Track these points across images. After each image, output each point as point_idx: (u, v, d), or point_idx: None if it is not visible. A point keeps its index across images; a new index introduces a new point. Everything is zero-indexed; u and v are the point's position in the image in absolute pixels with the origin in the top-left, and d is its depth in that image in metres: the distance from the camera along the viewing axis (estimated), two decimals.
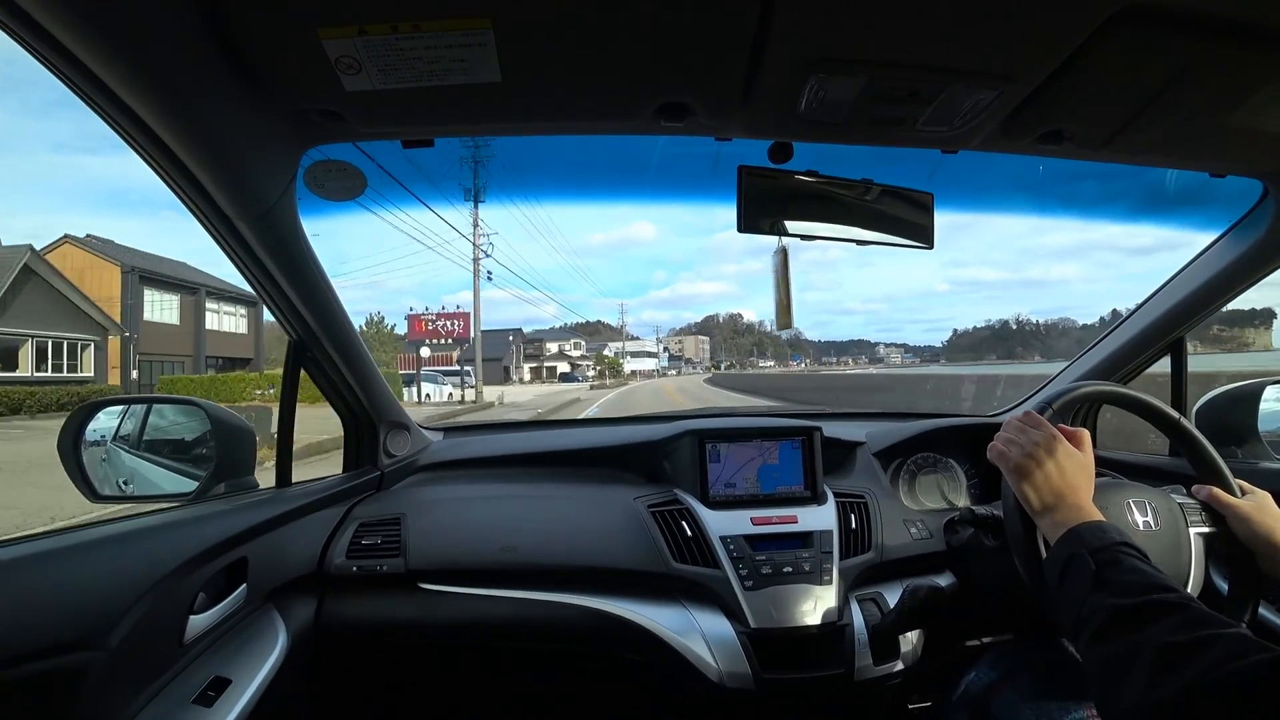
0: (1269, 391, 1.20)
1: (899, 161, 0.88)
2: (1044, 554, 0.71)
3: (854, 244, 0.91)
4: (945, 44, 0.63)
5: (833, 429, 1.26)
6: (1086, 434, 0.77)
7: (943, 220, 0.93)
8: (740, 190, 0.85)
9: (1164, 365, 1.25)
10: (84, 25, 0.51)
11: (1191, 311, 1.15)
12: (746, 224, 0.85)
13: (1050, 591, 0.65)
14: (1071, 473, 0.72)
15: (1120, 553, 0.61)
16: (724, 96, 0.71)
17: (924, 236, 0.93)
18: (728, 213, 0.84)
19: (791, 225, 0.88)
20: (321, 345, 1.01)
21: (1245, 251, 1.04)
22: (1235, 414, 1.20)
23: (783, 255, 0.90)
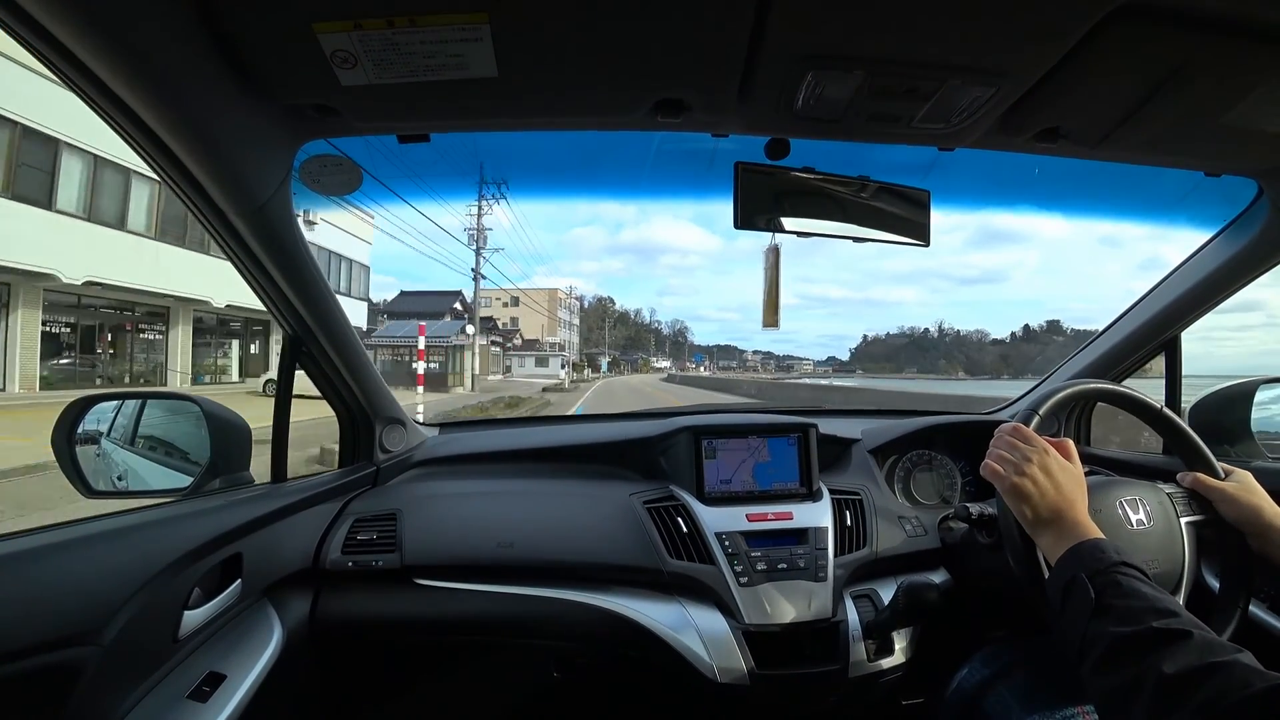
0: (1261, 392, 1.21)
1: (896, 159, 0.88)
2: (1045, 571, 0.70)
3: (850, 240, 0.91)
4: (943, 40, 0.63)
5: (828, 426, 1.26)
6: (1072, 444, 0.77)
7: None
8: (737, 187, 0.85)
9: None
10: (80, 21, 0.51)
11: (1186, 310, 1.16)
12: (743, 220, 0.85)
13: (1053, 612, 0.64)
14: (1066, 486, 0.72)
15: (1119, 574, 0.60)
16: (721, 93, 0.71)
17: (920, 233, 0.93)
18: (590, 209, 0.83)
19: (788, 222, 0.88)
20: (317, 340, 1.00)
21: (1239, 250, 1.04)
22: (1228, 413, 1.21)
23: (774, 254, 0.90)
